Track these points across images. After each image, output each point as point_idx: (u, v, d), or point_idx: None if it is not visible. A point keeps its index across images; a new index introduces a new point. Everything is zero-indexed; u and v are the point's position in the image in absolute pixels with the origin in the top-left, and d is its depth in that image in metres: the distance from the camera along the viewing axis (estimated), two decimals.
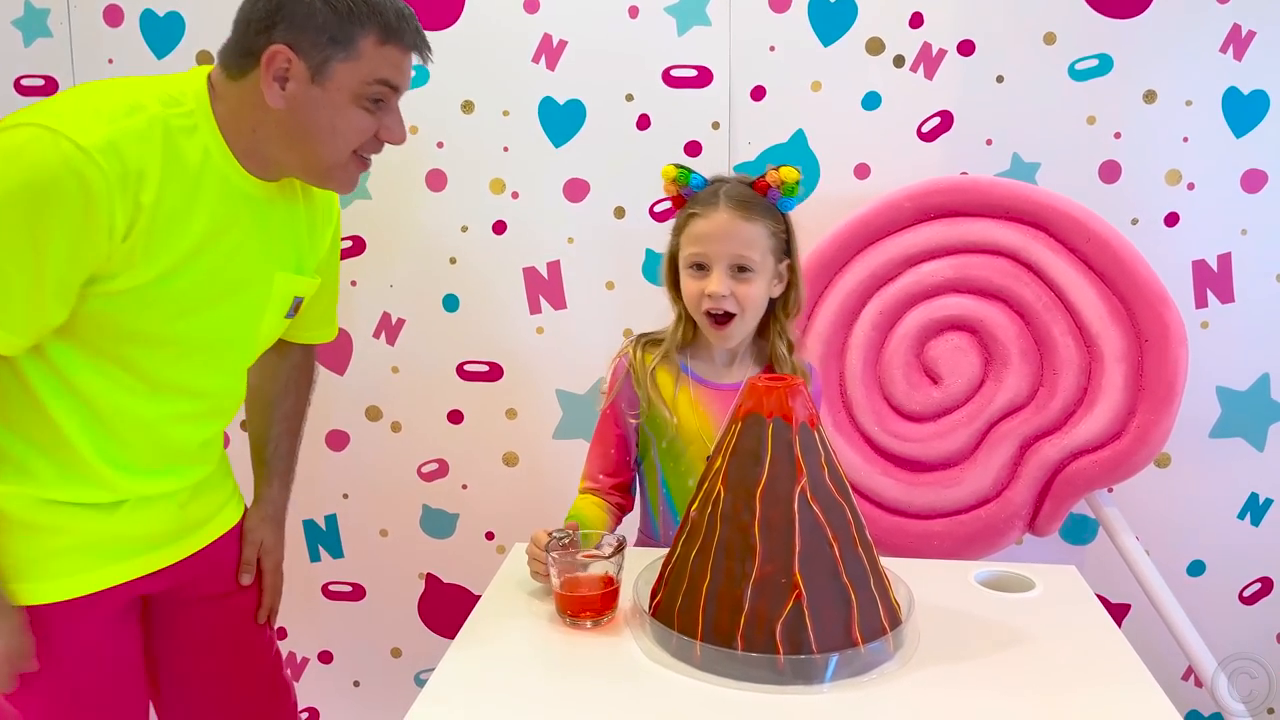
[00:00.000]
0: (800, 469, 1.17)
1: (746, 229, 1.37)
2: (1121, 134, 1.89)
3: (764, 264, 1.39)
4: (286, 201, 1.28)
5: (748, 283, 1.38)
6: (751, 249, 1.38)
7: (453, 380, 2.06)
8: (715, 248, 1.38)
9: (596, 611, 1.24)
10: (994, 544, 1.79)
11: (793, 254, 1.44)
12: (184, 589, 1.35)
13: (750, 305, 1.40)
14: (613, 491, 1.48)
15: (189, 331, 1.20)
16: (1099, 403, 1.73)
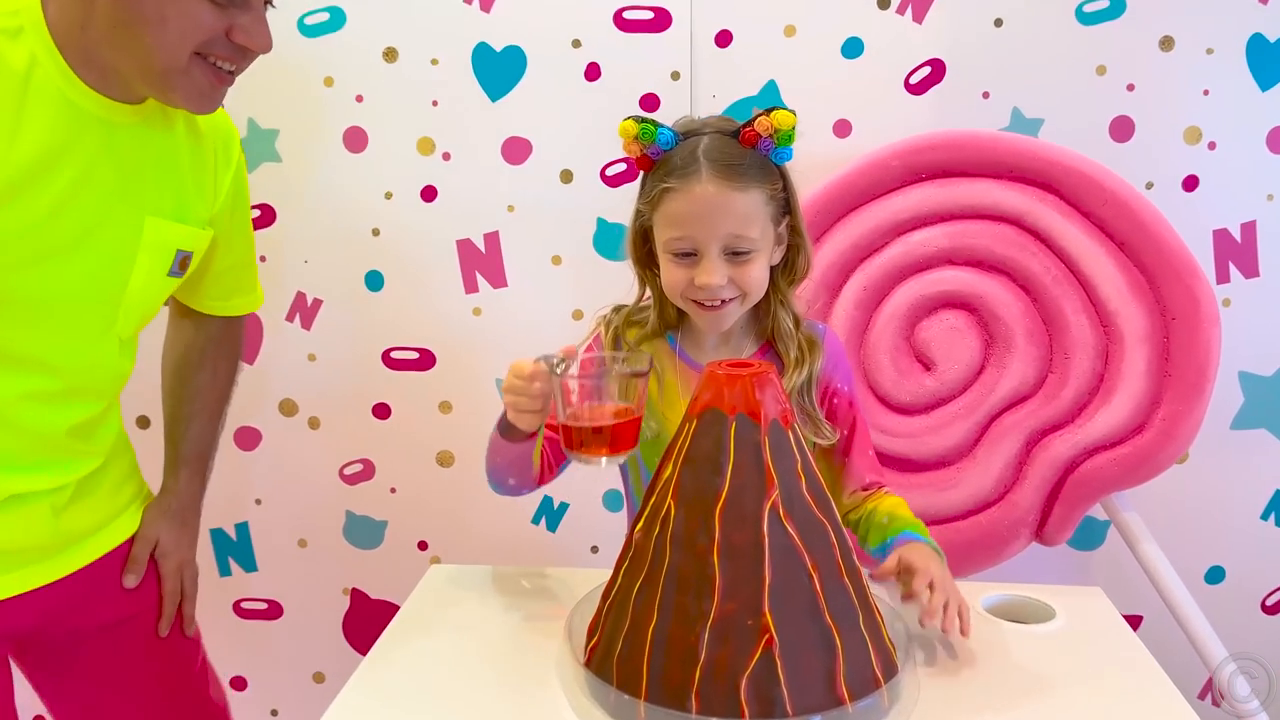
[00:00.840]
0: (771, 479, 0.94)
1: (740, 201, 1.12)
2: (1135, 86, 1.73)
3: (764, 238, 1.15)
4: (153, 130, 1.09)
5: (747, 264, 1.15)
6: (749, 225, 1.13)
7: (378, 369, 1.88)
8: (703, 231, 1.13)
9: (614, 446, 1.03)
10: (996, 554, 1.61)
11: (793, 210, 1.20)
12: (71, 616, 1.17)
13: (753, 286, 1.17)
14: (549, 445, 1.23)
15: (28, 287, 1.01)
16: (1118, 391, 1.55)
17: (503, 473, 1.18)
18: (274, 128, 1.80)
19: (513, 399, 1.07)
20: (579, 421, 1.03)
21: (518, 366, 1.06)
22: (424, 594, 1.25)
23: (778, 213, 1.17)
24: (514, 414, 1.09)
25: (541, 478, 1.22)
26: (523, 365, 1.06)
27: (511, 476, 1.18)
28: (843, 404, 1.26)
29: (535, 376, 1.05)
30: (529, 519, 1.93)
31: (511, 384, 1.07)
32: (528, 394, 1.06)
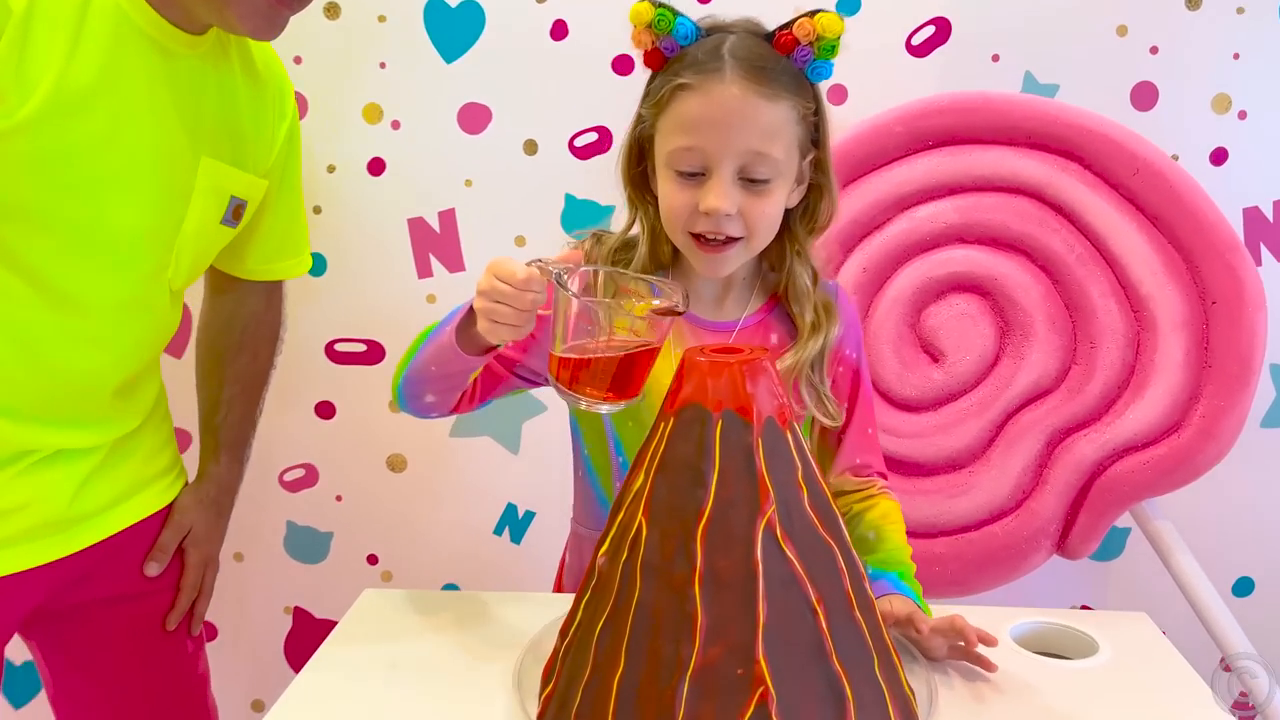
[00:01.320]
0: (765, 491, 0.77)
1: (767, 112, 0.95)
2: (1159, 49, 1.64)
3: (787, 164, 0.99)
4: (216, 69, 1.10)
5: (763, 195, 0.98)
6: (773, 142, 0.96)
7: (321, 364, 1.76)
8: (719, 142, 0.95)
9: (626, 389, 0.87)
10: (1013, 569, 1.49)
11: (822, 143, 1.03)
12: (81, 586, 1.14)
13: (763, 226, 1.00)
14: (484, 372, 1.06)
15: (81, 215, 0.99)
16: (1151, 385, 1.45)
17: (426, 385, 1.00)
18: None
19: (492, 307, 0.87)
20: (587, 353, 0.85)
21: (503, 267, 0.87)
22: (353, 624, 1.07)
23: (805, 140, 1.01)
24: (488, 325, 0.89)
25: (459, 405, 1.05)
26: (510, 267, 0.87)
27: (433, 393, 1.01)
28: (848, 372, 1.12)
29: (530, 284, 0.86)
30: (490, 529, 1.80)
31: (496, 288, 0.87)
32: (517, 304, 0.86)
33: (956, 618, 0.95)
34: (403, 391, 1.03)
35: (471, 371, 0.99)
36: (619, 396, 0.86)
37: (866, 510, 1.11)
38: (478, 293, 0.89)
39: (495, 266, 0.87)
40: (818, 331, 1.06)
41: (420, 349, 1.00)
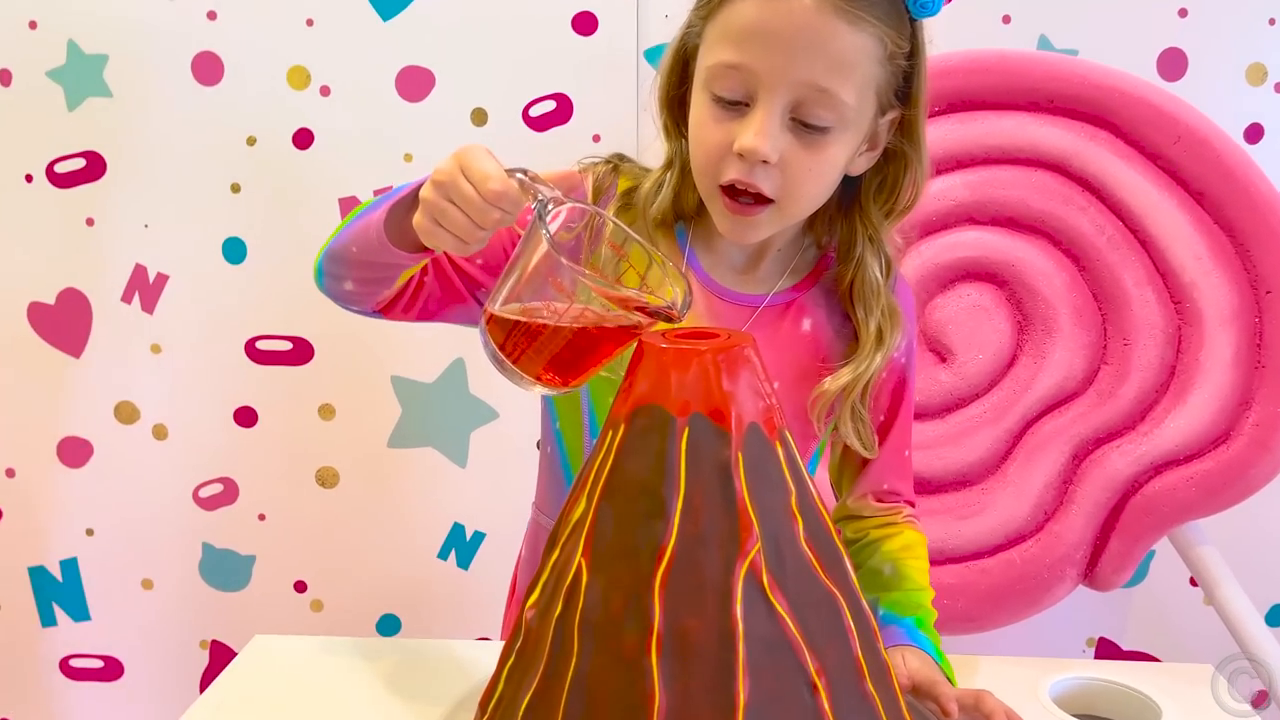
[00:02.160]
0: (748, 524, 0.59)
1: (845, 37, 0.76)
2: (1188, 11, 1.54)
3: (857, 113, 0.79)
4: None
5: (817, 147, 0.79)
6: (843, 77, 0.77)
7: (240, 364, 1.67)
8: (773, 62, 0.76)
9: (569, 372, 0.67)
10: (1032, 602, 1.34)
11: (913, 100, 0.84)
12: None
13: (805, 188, 0.81)
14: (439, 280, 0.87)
15: None
16: (1195, 388, 1.32)
17: (347, 268, 0.82)
18: (102, 52, 1.58)
19: (443, 206, 0.69)
20: (537, 316, 0.65)
21: (476, 165, 0.68)
22: (233, 680, 0.87)
23: (887, 89, 0.81)
24: (428, 224, 0.71)
25: (391, 307, 0.86)
26: (485, 166, 0.68)
27: (353, 280, 0.82)
28: (892, 379, 0.94)
29: (502, 200, 0.68)
30: (434, 553, 1.69)
31: (458, 188, 0.69)
32: (475, 216, 0.68)
33: (984, 696, 0.77)
34: (322, 268, 0.84)
35: (400, 270, 0.80)
36: (564, 381, 0.66)
37: (885, 539, 0.93)
38: (432, 180, 0.70)
39: (466, 159, 0.68)
40: (880, 344, 0.89)
41: (349, 222, 0.81)
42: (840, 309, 0.91)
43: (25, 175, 1.58)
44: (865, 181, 0.87)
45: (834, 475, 0.96)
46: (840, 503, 0.95)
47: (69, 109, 1.56)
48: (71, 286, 1.62)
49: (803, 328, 0.89)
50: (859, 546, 0.93)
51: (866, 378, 0.88)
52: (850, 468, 0.96)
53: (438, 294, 0.85)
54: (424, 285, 0.84)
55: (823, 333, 0.89)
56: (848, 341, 0.90)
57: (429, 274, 0.85)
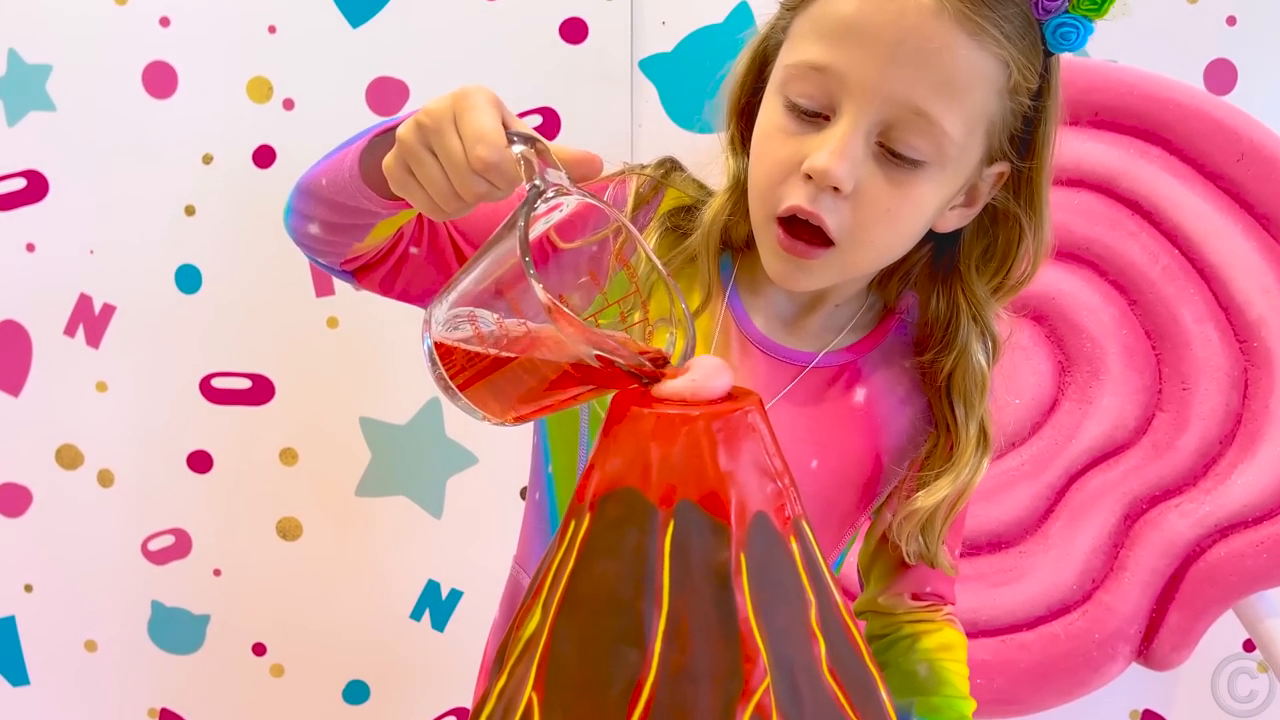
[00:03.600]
0: (753, 650, 0.46)
1: (962, 51, 0.64)
2: (1236, 19, 1.47)
3: (962, 151, 0.66)
4: None
5: (904, 183, 0.66)
6: (951, 100, 0.64)
7: (194, 403, 1.59)
8: (868, 67, 0.64)
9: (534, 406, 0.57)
10: (1080, 682, 1.24)
11: (1036, 152, 0.71)
12: None
13: (878, 235, 0.69)
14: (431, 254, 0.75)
15: None
16: (1265, 439, 1.23)
17: (315, 204, 0.70)
18: (44, 62, 1.52)
19: (420, 156, 0.58)
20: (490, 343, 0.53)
21: (473, 121, 0.56)
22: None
23: (1002, 130, 0.69)
24: (400, 175, 0.59)
25: (368, 273, 0.74)
26: (483, 125, 0.55)
27: (319, 222, 0.70)
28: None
29: (492, 172, 0.55)
30: (406, 613, 1.60)
31: (442, 140, 0.57)
32: (455, 178, 0.57)
33: None
34: (291, 203, 0.73)
35: (374, 219, 0.68)
36: (517, 418, 0.55)
37: (922, 635, 0.81)
38: (416, 119, 0.58)
39: (463, 106, 0.56)
40: (986, 447, 0.77)
41: (322, 161, 0.70)
42: (908, 385, 0.79)
43: None
44: (966, 246, 0.74)
45: (863, 562, 0.84)
46: (867, 595, 0.82)
47: (9, 124, 1.49)
48: (10, 318, 1.54)
49: (854, 398, 0.76)
50: (888, 642, 0.81)
51: (970, 492, 0.76)
52: (887, 560, 0.83)
53: (429, 276, 0.73)
54: (409, 260, 0.72)
55: (879, 408, 0.77)
56: (916, 429, 0.78)
57: (421, 247, 0.73)
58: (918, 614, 0.82)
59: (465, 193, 0.56)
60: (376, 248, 0.71)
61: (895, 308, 0.78)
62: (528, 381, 0.52)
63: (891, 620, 0.82)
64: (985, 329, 0.75)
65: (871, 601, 0.83)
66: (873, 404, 0.76)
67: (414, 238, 0.72)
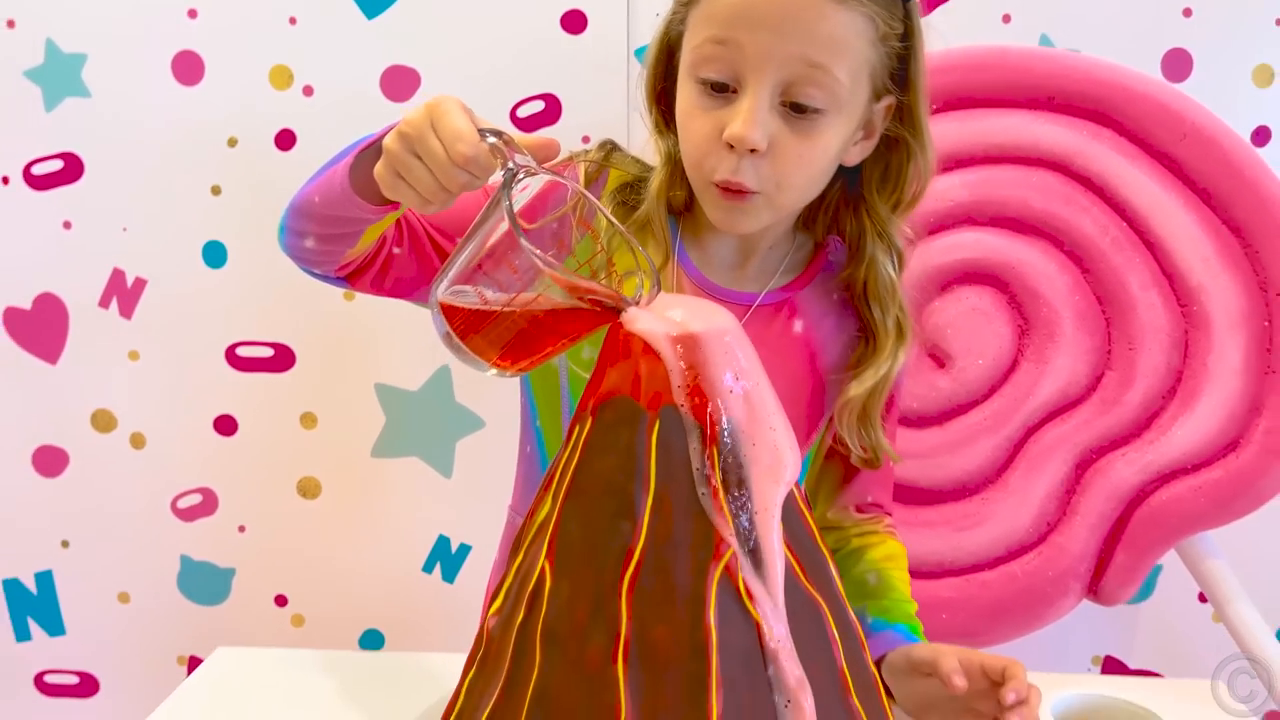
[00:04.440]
0: (723, 524, 0.55)
1: (834, 16, 0.74)
2: (1192, 11, 1.52)
3: (850, 95, 0.77)
4: None
5: (809, 133, 0.76)
6: (835, 56, 0.74)
7: (220, 370, 1.64)
8: (760, 44, 0.74)
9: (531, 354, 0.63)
10: (1036, 617, 1.31)
11: (911, 85, 0.81)
12: None
13: (797, 177, 0.78)
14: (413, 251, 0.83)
15: None
16: (1204, 394, 1.29)
17: (309, 221, 0.77)
18: (80, 51, 1.56)
19: (406, 161, 0.65)
20: (490, 302, 0.61)
21: (448, 122, 0.64)
22: (194, 690, 0.85)
23: (882, 72, 0.79)
24: (390, 180, 0.67)
25: (359, 276, 0.82)
26: (457, 125, 0.63)
27: (314, 236, 0.78)
28: (889, 399, 0.93)
29: (470, 165, 0.63)
30: (419, 566, 1.66)
31: (425, 143, 0.64)
32: (440, 175, 0.64)
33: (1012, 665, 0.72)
34: (285, 223, 0.81)
35: (364, 224, 0.75)
36: (516, 364, 0.63)
37: (869, 547, 0.90)
38: (399, 131, 0.66)
39: (438, 113, 0.64)
40: (902, 338, 0.86)
41: (314, 177, 0.78)
42: (838, 309, 0.88)
43: (1, 177, 1.56)
44: (867, 173, 0.84)
45: (810, 485, 0.93)
46: (817, 513, 0.91)
47: (46, 109, 1.54)
48: (48, 291, 1.60)
49: (794, 329, 0.86)
50: (841, 555, 0.90)
51: (892, 377, 0.85)
52: (832, 479, 0.92)
53: (412, 270, 0.81)
54: (395, 259, 0.80)
55: (815, 334, 0.86)
56: (847, 344, 0.87)
57: (403, 246, 0.80)
58: (863, 525, 0.91)
59: (450, 185, 0.64)
60: (365, 253, 0.78)
61: (824, 246, 0.88)
62: (523, 330, 0.61)
63: (841, 535, 0.91)
64: (890, 243, 0.85)
65: (821, 518, 0.91)
66: (809, 331, 0.86)
67: (396, 240, 0.80)
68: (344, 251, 0.77)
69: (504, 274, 0.61)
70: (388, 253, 0.80)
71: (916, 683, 0.76)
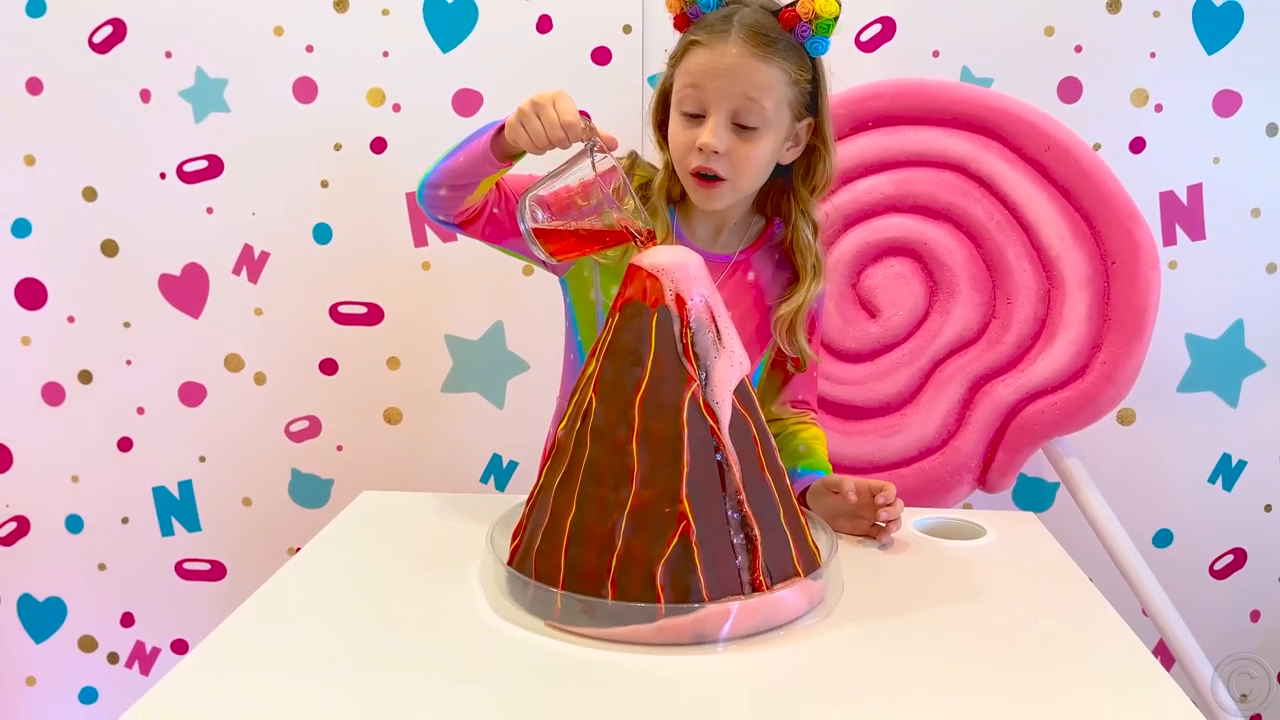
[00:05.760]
0: (691, 369, 0.92)
1: (760, 71, 1.10)
2: (1082, 47, 1.74)
3: (776, 119, 1.12)
4: None
5: (751, 141, 1.12)
6: (763, 94, 1.10)
7: (325, 324, 1.86)
8: (716, 88, 1.10)
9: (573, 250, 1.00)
10: (939, 500, 1.58)
11: (820, 111, 1.17)
12: None
13: (747, 169, 1.14)
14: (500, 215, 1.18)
15: None
16: (1059, 335, 1.54)
17: (452, 174, 1.10)
18: (223, 77, 1.79)
19: (530, 116, 1.00)
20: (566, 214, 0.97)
21: (564, 104, 0.99)
22: (352, 514, 1.22)
23: (799, 103, 1.14)
24: (516, 124, 1.01)
25: (472, 223, 1.15)
26: (568, 108, 0.99)
27: (448, 185, 1.11)
28: (811, 323, 1.27)
29: (569, 129, 0.99)
30: (476, 477, 1.91)
31: (544, 107, 0.99)
32: (548, 129, 0.99)
33: (886, 485, 1.09)
34: (426, 180, 1.12)
35: (483, 177, 1.09)
36: (563, 254, 1.00)
37: (800, 431, 1.26)
38: (532, 99, 1.00)
39: (558, 95, 1.00)
40: (817, 279, 1.21)
41: (450, 153, 1.10)
42: (777, 265, 1.24)
43: (160, 173, 1.78)
44: (795, 170, 1.21)
45: (761, 389, 1.27)
46: (766, 410, 1.24)
47: (195, 121, 1.76)
48: (193, 261, 1.82)
49: (749, 278, 1.23)
50: (782, 438, 1.24)
51: (810, 301, 1.20)
52: (775, 384, 1.28)
53: (505, 225, 1.17)
54: (494, 216, 1.16)
55: (762, 280, 1.23)
56: (784, 286, 1.24)
57: (500, 208, 1.16)
58: (797, 417, 1.27)
59: (553, 137, 1.00)
60: (475, 205, 1.14)
61: (771, 224, 1.23)
62: (576, 234, 0.98)
63: (781, 424, 1.26)
64: (809, 216, 1.20)
65: (768, 413, 1.25)
66: (758, 280, 1.22)
67: (495, 202, 1.16)
68: (464, 199, 1.11)
69: (575, 200, 0.97)
70: (489, 211, 1.16)
71: (827, 499, 1.14)
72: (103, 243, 1.83)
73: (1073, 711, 0.77)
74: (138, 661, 1.97)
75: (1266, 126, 1.77)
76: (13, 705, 1.99)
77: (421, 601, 0.96)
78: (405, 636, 0.88)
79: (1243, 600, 1.94)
